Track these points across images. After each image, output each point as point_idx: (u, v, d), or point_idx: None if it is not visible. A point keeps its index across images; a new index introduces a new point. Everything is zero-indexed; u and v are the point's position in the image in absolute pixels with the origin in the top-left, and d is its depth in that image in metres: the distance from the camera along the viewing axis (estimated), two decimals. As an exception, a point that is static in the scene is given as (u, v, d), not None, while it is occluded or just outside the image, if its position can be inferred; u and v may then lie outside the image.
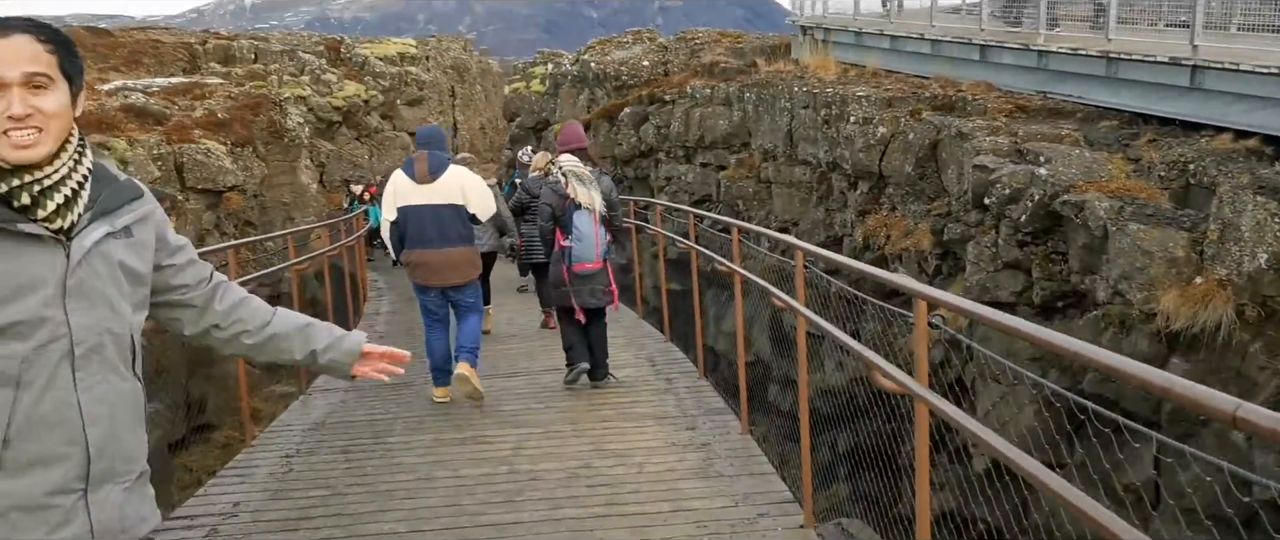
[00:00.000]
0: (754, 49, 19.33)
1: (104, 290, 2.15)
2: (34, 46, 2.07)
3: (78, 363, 2.09)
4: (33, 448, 2.05)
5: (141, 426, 2.27)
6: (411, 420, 7.51)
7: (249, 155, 17.84)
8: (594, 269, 7.82)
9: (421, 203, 7.52)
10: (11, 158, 2.04)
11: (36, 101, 2.05)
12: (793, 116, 14.09)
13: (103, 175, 2.21)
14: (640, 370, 8.83)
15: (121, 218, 2.20)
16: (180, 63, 30.60)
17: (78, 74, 2.16)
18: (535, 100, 25.34)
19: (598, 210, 7.77)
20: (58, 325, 2.07)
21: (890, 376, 3.46)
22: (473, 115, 46.51)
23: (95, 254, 2.14)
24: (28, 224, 2.04)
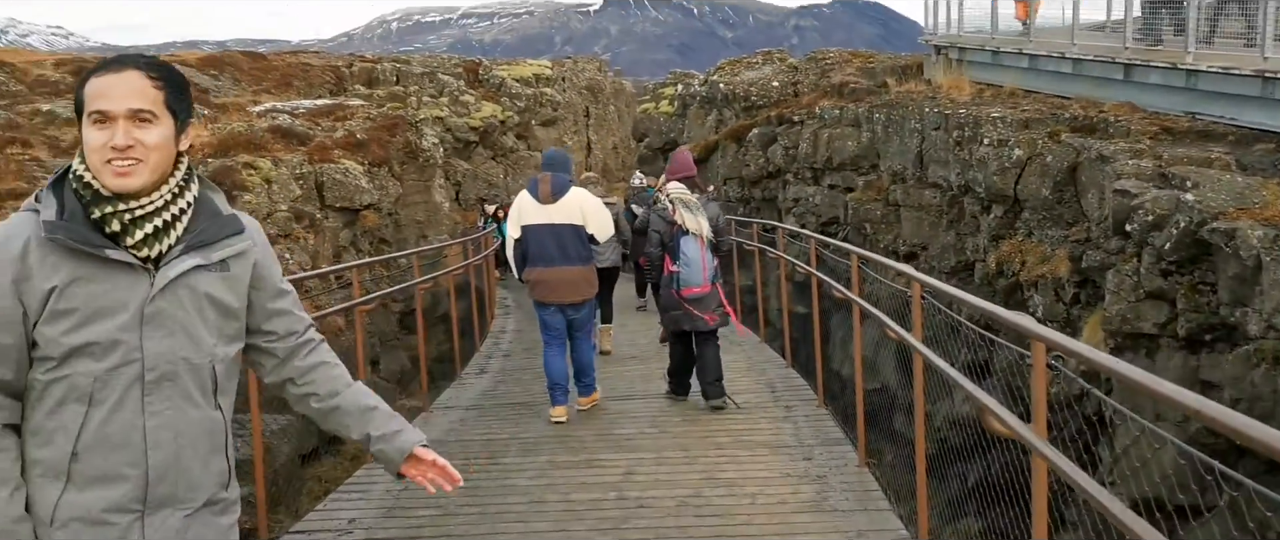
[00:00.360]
0: (885, 69, 18.95)
1: (184, 320, 2.21)
2: (143, 82, 2.18)
3: (148, 388, 2.17)
4: (98, 463, 2.14)
5: (219, 456, 2.30)
6: (527, 441, 7.53)
7: (385, 175, 18.35)
8: (702, 293, 8.02)
9: (543, 222, 7.80)
10: (111, 185, 2.15)
11: (139, 134, 2.16)
12: (923, 138, 13.73)
13: (207, 209, 2.29)
14: (759, 396, 8.69)
15: (217, 251, 2.27)
16: (327, 85, 31.85)
17: (184, 110, 2.26)
18: (664, 121, 25.44)
19: (705, 235, 7.98)
20: (131, 350, 2.15)
21: (1004, 422, 3.24)
22: (606, 135, 47.01)
23: (180, 284, 2.21)
24: (115, 250, 2.15)
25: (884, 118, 15.11)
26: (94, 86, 2.17)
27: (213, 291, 2.26)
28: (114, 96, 2.15)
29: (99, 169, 2.15)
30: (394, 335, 17.47)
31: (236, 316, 2.32)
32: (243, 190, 13.66)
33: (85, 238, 2.13)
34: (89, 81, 2.19)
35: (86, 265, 2.14)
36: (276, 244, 12.82)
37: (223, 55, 33.44)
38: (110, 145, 2.13)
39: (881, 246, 14.57)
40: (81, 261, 2.13)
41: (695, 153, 21.33)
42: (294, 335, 2.47)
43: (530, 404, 8.92)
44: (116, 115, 2.14)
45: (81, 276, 2.13)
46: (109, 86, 2.16)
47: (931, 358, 4.47)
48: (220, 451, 2.31)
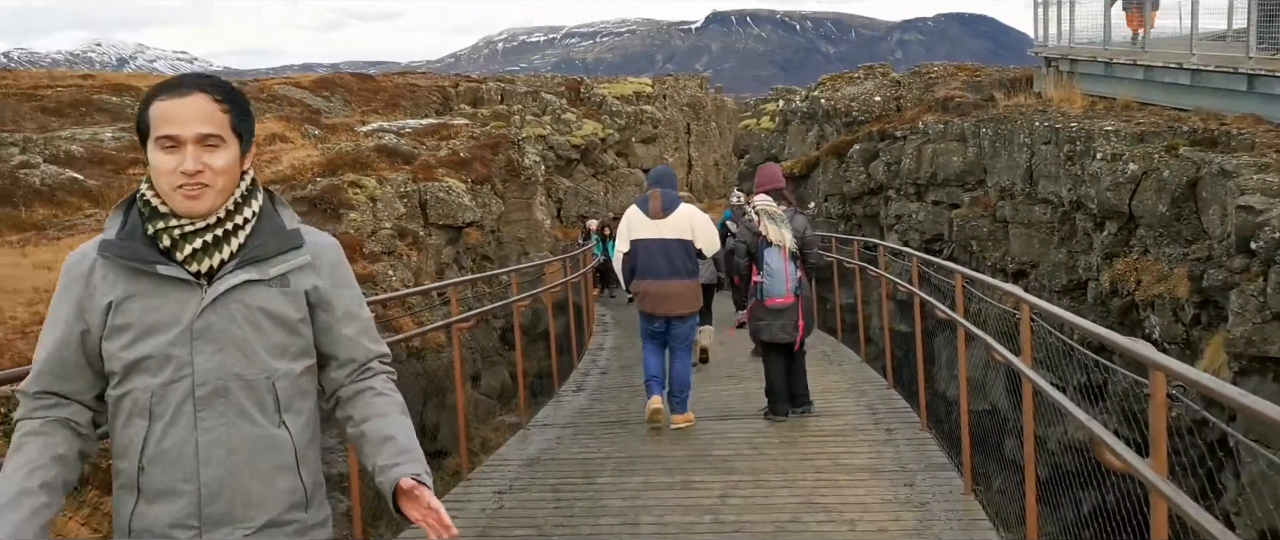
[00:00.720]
0: (992, 82, 18.48)
1: (237, 335, 2.19)
2: (210, 106, 2.18)
3: (200, 403, 2.16)
4: (160, 478, 2.16)
5: (286, 476, 2.24)
6: (623, 461, 7.48)
7: (487, 192, 18.58)
8: (785, 304, 8.17)
9: (652, 237, 8.07)
10: (181, 208, 2.17)
11: (208, 159, 2.16)
12: (1032, 152, 13.33)
13: (269, 224, 2.27)
14: (859, 418, 8.48)
15: (274, 266, 2.24)
16: (434, 105, 32.52)
17: (248, 131, 2.27)
18: (765, 137, 25.25)
19: (788, 247, 8.16)
20: (182, 365, 2.15)
21: (1120, 456, 3.02)
22: (707, 152, 46.97)
23: (232, 299, 2.19)
24: (166, 266, 2.16)
25: (991, 132, 14.73)
26: (160, 110, 2.17)
27: (270, 306, 2.22)
28: (182, 121, 2.15)
29: (168, 193, 2.17)
30: (495, 351, 17.64)
31: (299, 332, 2.28)
32: (348, 208, 13.95)
33: (137, 253, 2.16)
34: (154, 104, 2.19)
35: (140, 281, 2.17)
36: (379, 261, 13.05)
37: (334, 77, 34.42)
38: (180, 170, 2.14)
39: (989, 264, 14.18)
40: (136, 278, 2.17)
41: (796, 169, 21.13)
42: (353, 363, 2.39)
43: (626, 422, 8.88)
44: (185, 140, 2.15)
45: (136, 292, 2.16)
46: (176, 110, 2.16)
47: (1041, 384, 4.26)
48: (287, 471, 2.24)
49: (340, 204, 14.02)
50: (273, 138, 19.70)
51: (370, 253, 13.28)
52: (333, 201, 14.01)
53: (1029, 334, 4.58)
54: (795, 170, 21.36)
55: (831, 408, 8.89)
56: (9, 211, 12.65)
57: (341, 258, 2.38)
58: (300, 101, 27.95)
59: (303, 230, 2.34)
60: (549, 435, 8.58)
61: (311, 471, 2.31)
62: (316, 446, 2.36)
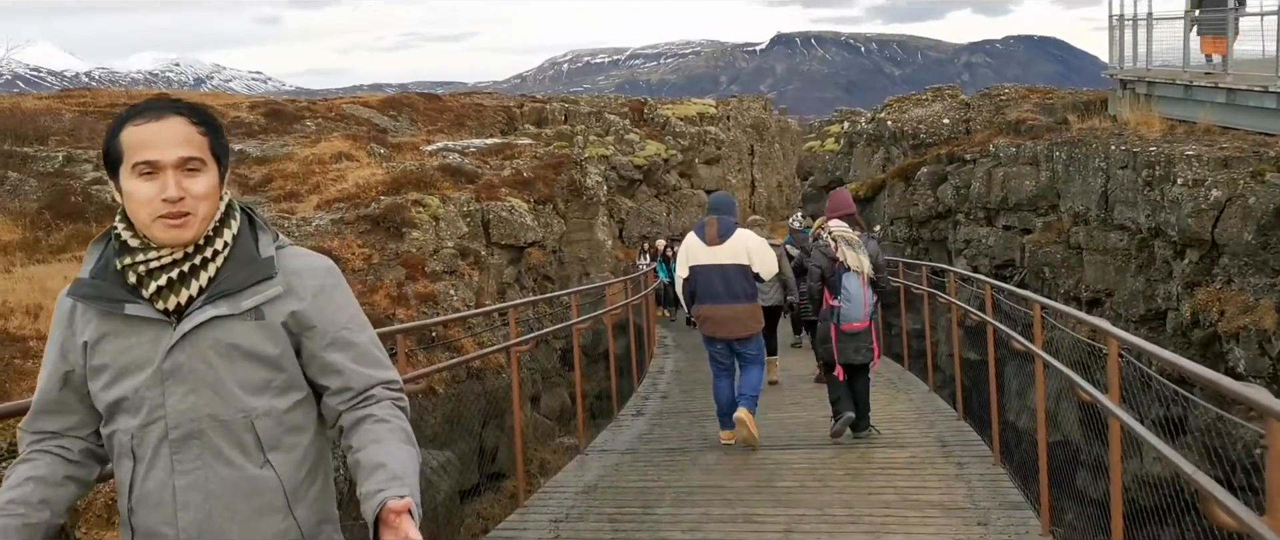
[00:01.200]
0: (1065, 105, 18.02)
1: (208, 375, 2.07)
2: (188, 129, 2.09)
3: (174, 446, 2.07)
4: (145, 519, 2.10)
5: (272, 517, 2.12)
6: (682, 490, 7.28)
7: (549, 212, 18.55)
8: (861, 327, 8.25)
9: (710, 262, 8.22)
10: (164, 239, 2.07)
11: (189, 184, 2.06)
12: (1108, 177, 12.92)
13: (243, 254, 2.14)
14: (928, 450, 8.20)
15: (246, 299, 2.11)
16: (499, 125, 32.71)
17: (225, 155, 2.17)
18: (829, 159, 24.96)
19: (866, 272, 8.22)
20: (155, 407, 2.07)
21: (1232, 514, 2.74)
22: (770, 173, 46.71)
23: (202, 337, 2.08)
24: (134, 305, 2.07)
25: (1065, 155, 14.34)
26: (136, 135, 2.06)
27: (244, 342, 2.09)
28: (161, 145, 2.04)
29: (147, 224, 2.06)
30: (556, 371, 17.55)
31: (279, 366, 2.14)
32: (411, 227, 13.98)
33: (105, 293, 2.08)
34: (126, 129, 2.08)
35: (112, 321, 2.08)
36: (440, 280, 13.03)
37: (401, 96, 34.82)
38: (162, 197, 2.03)
39: (1062, 292, 13.77)
40: (108, 317, 2.08)
41: (861, 191, 20.82)
42: (349, 392, 2.21)
43: (685, 449, 8.69)
44: (165, 165, 2.04)
45: (108, 332, 2.08)
46: (154, 135, 2.05)
47: (1132, 425, 3.98)
48: (275, 512, 2.11)
49: (403, 223, 14.05)
50: (339, 156, 19.90)
51: (432, 271, 13.27)
52: (395, 220, 14.04)
53: (1117, 371, 4.31)
54: (860, 193, 21.04)
55: (899, 438, 8.62)
56: (79, 227, 12.85)
57: (330, 281, 2.22)
58: (367, 120, 28.26)
59: (289, 253, 2.21)
60: (607, 461, 8.42)
61: (311, 509, 2.18)
62: (320, 483, 2.23)
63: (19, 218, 12.79)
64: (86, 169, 15.79)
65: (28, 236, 12.36)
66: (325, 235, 13.48)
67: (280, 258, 2.19)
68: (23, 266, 10.53)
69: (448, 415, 11.66)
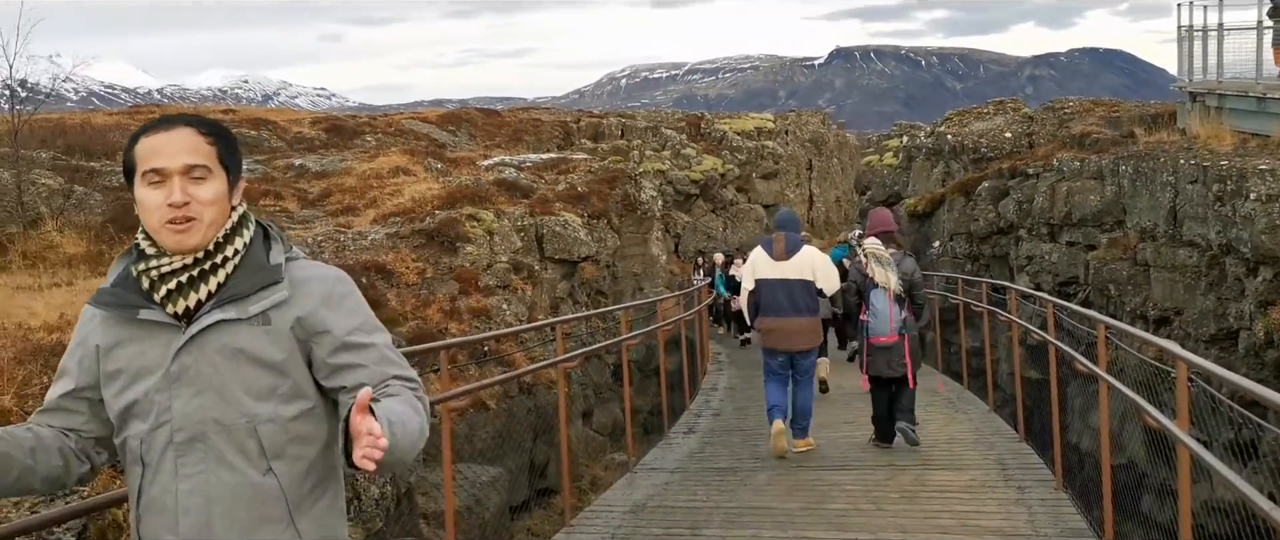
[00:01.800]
0: (1132, 118, 17.58)
1: (214, 378, 2.10)
2: (195, 139, 2.16)
3: (178, 450, 2.09)
4: (152, 526, 2.12)
5: (269, 526, 2.11)
6: (731, 512, 7.12)
7: (603, 227, 18.49)
8: (889, 342, 8.61)
9: (776, 277, 8.56)
10: (170, 244, 2.12)
11: (195, 190, 2.12)
12: (1177, 192, 12.54)
13: (253, 261, 2.19)
14: (987, 473, 7.95)
15: (254, 304, 2.14)
16: (556, 139, 32.84)
17: (236, 165, 2.23)
18: (887, 173, 24.64)
19: (893, 289, 8.57)
20: (163, 410, 2.10)
21: None
22: (828, 188, 46.34)
23: (208, 340, 2.11)
24: (147, 310, 2.13)
25: (1131, 170, 13.96)
26: (146, 146, 2.15)
27: (250, 348, 2.12)
28: (168, 153, 2.12)
29: (157, 230, 2.13)
30: (608, 386, 17.46)
31: (284, 373, 2.15)
32: (465, 241, 13.99)
33: (121, 299, 2.14)
34: (139, 142, 2.16)
35: (127, 326, 2.14)
36: (493, 295, 13.01)
37: (460, 112, 35.11)
38: (167, 203, 2.10)
39: (1128, 310, 13.38)
40: (123, 323, 2.15)
41: (919, 206, 20.50)
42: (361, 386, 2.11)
43: (736, 469, 8.52)
44: (171, 172, 2.11)
45: (124, 338, 2.14)
46: (162, 144, 2.14)
47: (1206, 457, 3.76)
48: (275, 522, 2.11)
49: (457, 237, 14.07)
50: (396, 170, 20.05)
51: (484, 286, 13.27)
52: (450, 234, 14.07)
53: (1186, 397, 4.09)
54: (919, 208, 20.71)
55: (958, 460, 8.38)
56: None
57: (340, 289, 2.23)
58: (426, 135, 28.52)
59: (299, 264, 2.25)
60: (657, 480, 8.29)
61: (315, 524, 2.17)
62: (328, 499, 2.22)
63: (84, 231, 13.01)
64: (149, 183, 16.07)
65: (92, 249, 12.56)
66: (380, 249, 13.54)
67: (289, 267, 2.22)
68: (85, 280, 10.68)
69: (499, 431, 11.62)
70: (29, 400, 5.76)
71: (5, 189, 13.27)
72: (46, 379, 6.21)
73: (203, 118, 2.23)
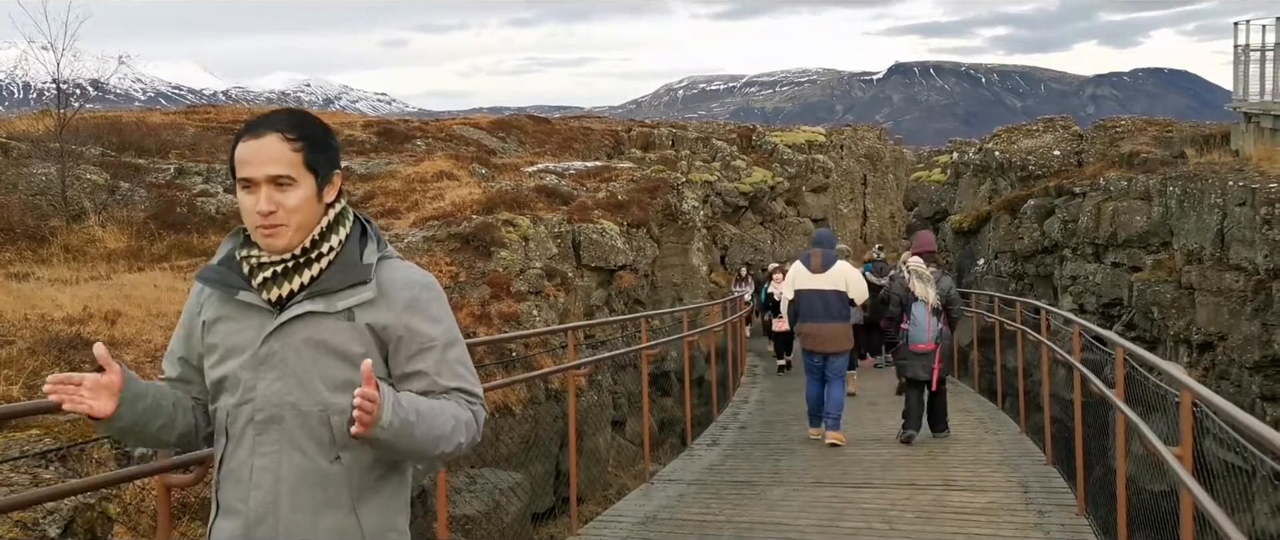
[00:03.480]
0: (1185, 138, 17.17)
1: (296, 365, 2.22)
2: (280, 146, 2.24)
3: (257, 428, 2.22)
4: (228, 494, 2.26)
5: (337, 513, 2.21)
6: (742, 526, 7.04)
7: (642, 236, 18.44)
8: (926, 349, 9.74)
9: (814, 287, 9.89)
10: (263, 245, 2.25)
11: (281, 198, 2.23)
12: (1225, 214, 12.23)
13: (345, 260, 2.29)
14: (1009, 496, 7.77)
15: (341, 300, 2.25)
16: (605, 148, 32.86)
17: (325, 165, 2.30)
18: (934, 190, 24.33)
19: (932, 303, 9.67)
20: (249, 389, 2.23)
21: None
22: (883, 204, 45.96)
23: (295, 329, 2.23)
24: (246, 292, 2.26)
25: (1180, 191, 13.64)
26: (240, 153, 2.26)
27: (332, 341, 2.23)
28: (255, 163, 2.22)
29: (252, 231, 2.27)
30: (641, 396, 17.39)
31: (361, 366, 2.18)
32: (500, 246, 14.02)
33: (223, 278, 2.28)
34: (237, 147, 2.27)
35: (228, 305, 2.28)
36: (525, 300, 13.01)
37: (511, 119, 35.30)
38: (256, 210, 2.22)
39: (1171, 333, 13.07)
40: (224, 302, 2.29)
41: (965, 223, 20.22)
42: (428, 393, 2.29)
43: (754, 483, 8.43)
44: (258, 182, 2.22)
45: (224, 315, 2.28)
46: (250, 154, 2.24)
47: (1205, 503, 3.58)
48: (338, 508, 2.22)
49: (492, 242, 14.10)
50: (440, 175, 20.18)
51: (516, 291, 13.27)
52: (485, 239, 14.10)
53: (1190, 428, 3.92)
54: (965, 225, 20.43)
55: (979, 482, 8.21)
56: (182, 237, 13.23)
57: (425, 296, 2.32)
58: (476, 141, 28.66)
59: (391, 265, 2.33)
60: (672, 492, 8.22)
61: (376, 515, 2.26)
62: (390, 491, 2.31)
63: (126, 227, 13.23)
64: (195, 181, 16.31)
65: (133, 245, 12.77)
66: (416, 252, 13.61)
67: (380, 268, 2.31)
68: (120, 275, 10.86)
69: (525, 436, 11.60)
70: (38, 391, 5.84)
71: (51, 183, 13.54)
72: (60, 369, 6.31)
73: (291, 119, 2.29)
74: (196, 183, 16.27)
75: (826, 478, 8.51)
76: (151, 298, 8.83)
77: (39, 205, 13.51)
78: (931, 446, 9.78)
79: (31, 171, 14.04)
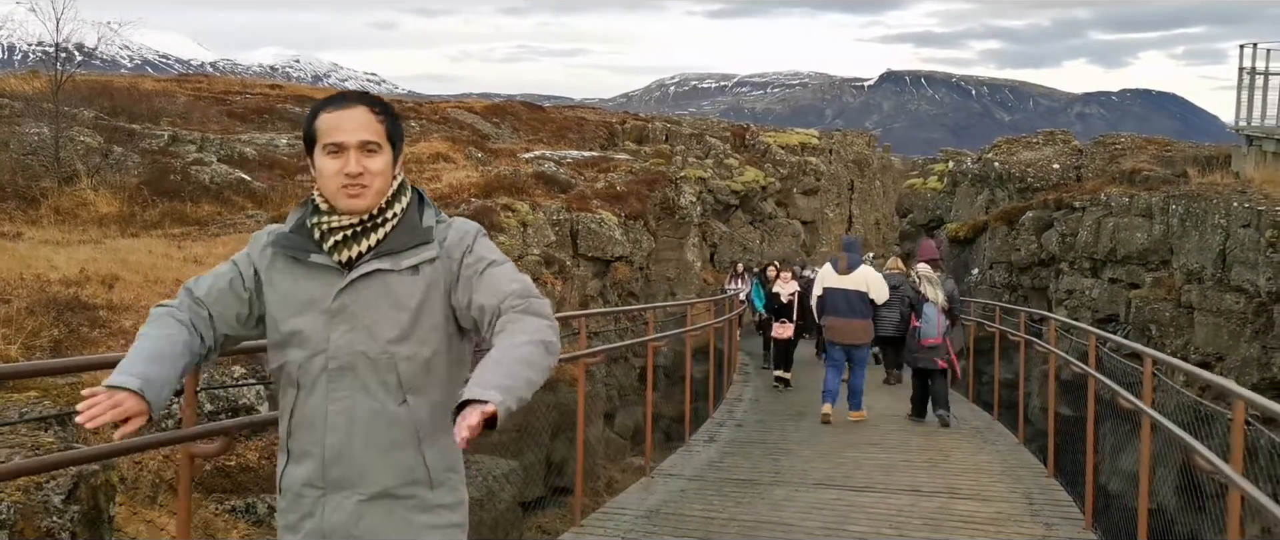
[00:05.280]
0: (1185, 158, 17.17)
1: (365, 317, 2.41)
2: (368, 117, 2.47)
3: (331, 376, 2.42)
4: (301, 441, 2.45)
5: (404, 452, 2.42)
6: (747, 524, 6.93)
7: (639, 229, 18.32)
8: (935, 343, 11.10)
9: (839, 287, 11.05)
10: (344, 207, 2.45)
11: (367, 162, 2.45)
12: (1228, 235, 12.20)
13: (409, 223, 2.50)
14: (1014, 507, 7.69)
15: (406, 258, 2.45)
16: (599, 139, 32.68)
17: (399, 139, 2.55)
18: (930, 197, 24.29)
19: (940, 303, 11.14)
20: (321, 341, 2.42)
21: None
22: (869, 210, 45.95)
23: (364, 285, 2.43)
24: (317, 255, 2.46)
25: (1182, 209, 13.62)
26: (327, 121, 2.46)
27: (399, 294, 2.42)
28: (347, 129, 2.44)
29: (333, 193, 2.45)
30: (632, 389, 17.29)
31: (422, 318, 2.44)
32: (498, 231, 13.87)
33: (296, 244, 2.47)
34: (321, 116, 2.48)
35: (297, 267, 2.47)
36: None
37: (505, 105, 35.05)
38: (344, 172, 2.43)
39: (1168, 352, 13.02)
40: (293, 264, 2.48)
41: (961, 232, 20.17)
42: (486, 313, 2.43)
43: (755, 482, 8.32)
44: (349, 146, 2.43)
45: (292, 276, 2.47)
46: (341, 121, 2.45)
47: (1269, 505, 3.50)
48: (405, 447, 2.42)
49: (491, 226, 13.95)
50: (437, 156, 20.00)
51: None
52: (483, 223, 13.90)
53: (1242, 437, 3.85)
54: (961, 234, 20.39)
55: (983, 492, 8.13)
56: (176, 205, 13.01)
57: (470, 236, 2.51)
58: (470, 125, 28.44)
59: (444, 225, 2.54)
60: (673, 487, 8.10)
61: (440, 454, 2.47)
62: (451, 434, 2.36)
63: (118, 191, 13.01)
64: (189, 149, 16.08)
65: (125, 210, 12.55)
66: (413, 232, 13.45)
67: (438, 229, 2.52)
68: (113, 240, 10.64)
69: (518, 425, 11.45)
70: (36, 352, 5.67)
71: (44, 144, 13.29)
72: (57, 331, 6.13)
73: (374, 97, 2.54)
74: (190, 151, 16.04)
75: (828, 480, 8.41)
76: (148, 264, 8.64)
77: (30, 165, 13.27)
78: (931, 454, 9.69)
79: (24, 131, 13.79)
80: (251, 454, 5.64)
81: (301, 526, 2.46)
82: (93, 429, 2.23)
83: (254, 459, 5.63)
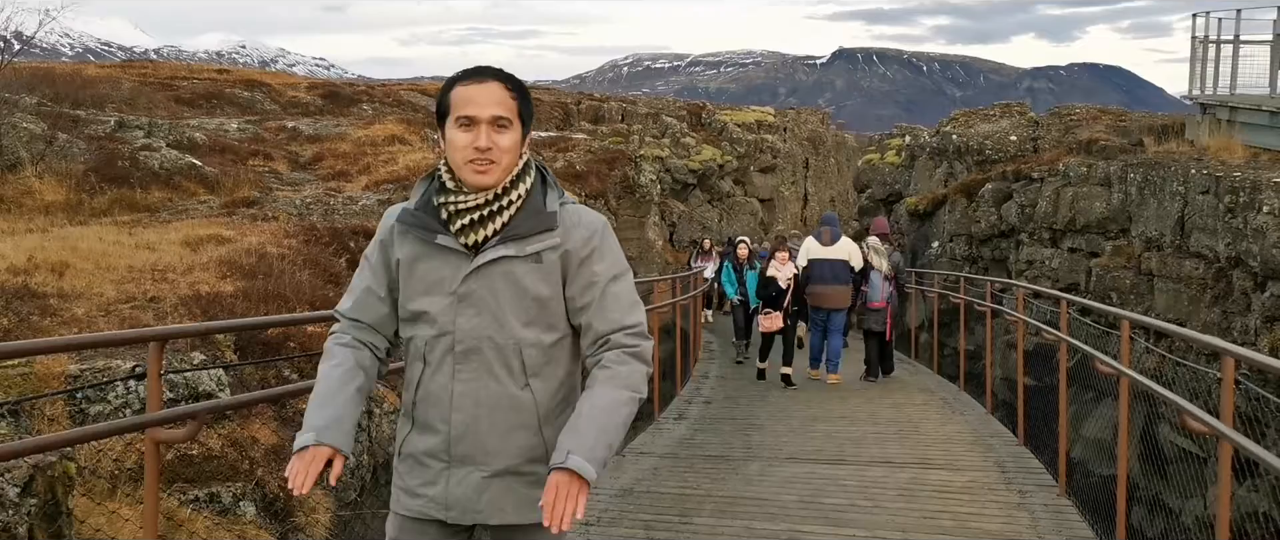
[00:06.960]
0: (1141, 128, 17.32)
1: (491, 303, 2.45)
2: (502, 93, 2.47)
3: (457, 358, 2.47)
4: (426, 413, 2.52)
5: (522, 432, 2.47)
6: (723, 500, 6.84)
7: (601, 208, 18.17)
8: (879, 306, 12.64)
9: (824, 257, 12.22)
10: (471, 181, 2.45)
11: (497, 138, 2.44)
12: (1186, 202, 12.29)
13: (532, 206, 2.50)
14: (986, 475, 7.68)
15: (531, 244, 2.46)
16: (555, 120, 32.43)
17: (529, 118, 2.55)
18: (888, 172, 24.34)
19: (885, 271, 12.65)
20: (447, 323, 2.47)
21: None
22: (824, 187, 46.07)
23: (491, 271, 2.45)
24: (443, 237, 2.47)
25: (1140, 177, 13.70)
26: (461, 94, 2.46)
27: (523, 280, 2.45)
28: (480, 104, 2.44)
29: (460, 166, 2.45)
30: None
31: (548, 306, 2.48)
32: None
33: (423, 223, 2.49)
34: (455, 89, 2.48)
35: (424, 247, 2.49)
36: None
37: (457, 86, 34.57)
38: (474, 146, 2.42)
39: (1129, 319, 13.13)
40: (422, 244, 2.49)
41: (921, 206, 20.24)
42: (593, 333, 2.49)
43: (727, 457, 8.25)
44: (481, 120, 2.43)
45: (421, 255, 2.50)
46: (475, 94, 2.45)
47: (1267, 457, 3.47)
48: (527, 428, 2.47)
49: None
50: (392, 139, 19.68)
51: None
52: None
53: (1232, 393, 3.81)
54: (920, 208, 20.46)
55: (955, 461, 8.12)
56: (125, 191, 12.67)
57: (597, 235, 2.52)
58: (424, 107, 28.06)
59: (569, 210, 2.53)
60: (645, 465, 8.00)
61: (558, 431, 2.43)
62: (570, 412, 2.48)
63: (64, 178, 12.64)
64: (137, 135, 15.67)
65: (72, 197, 12.20)
66: (371, 215, 13.20)
67: (562, 213, 2.51)
68: (61, 228, 10.32)
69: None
70: (-12, 340, 5.43)
71: (-14, 130, 12.89)
72: (6, 319, 5.90)
73: (507, 73, 2.52)
74: (138, 137, 15.63)
75: (800, 453, 8.36)
76: (99, 250, 8.36)
77: (-29, 154, 12.84)
78: (900, 426, 9.69)
79: (-37, 118, 13.34)
80: (215, 441, 5.45)
81: (423, 492, 2.52)
82: (306, 493, 2.32)
83: (218, 446, 5.44)
